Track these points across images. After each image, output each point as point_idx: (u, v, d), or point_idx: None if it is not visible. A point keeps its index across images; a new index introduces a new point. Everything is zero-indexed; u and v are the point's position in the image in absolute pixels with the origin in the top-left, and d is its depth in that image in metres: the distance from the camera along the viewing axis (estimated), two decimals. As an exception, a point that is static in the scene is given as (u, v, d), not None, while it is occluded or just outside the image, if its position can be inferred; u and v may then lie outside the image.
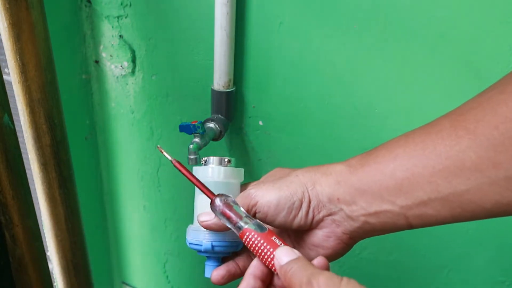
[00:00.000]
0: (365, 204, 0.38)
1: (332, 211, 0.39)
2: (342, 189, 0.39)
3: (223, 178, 0.46)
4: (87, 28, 0.78)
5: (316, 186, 0.40)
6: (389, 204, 0.36)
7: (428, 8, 0.54)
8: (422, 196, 0.34)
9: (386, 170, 0.36)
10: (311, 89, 0.65)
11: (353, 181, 0.38)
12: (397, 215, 0.36)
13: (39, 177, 0.68)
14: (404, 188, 0.35)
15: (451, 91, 0.57)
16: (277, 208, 0.40)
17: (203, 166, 0.48)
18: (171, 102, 0.77)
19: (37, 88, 0.62)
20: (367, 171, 0.38)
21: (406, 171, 0.35)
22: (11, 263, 0.64)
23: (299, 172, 0.41)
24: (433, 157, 0.34)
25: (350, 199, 0.38)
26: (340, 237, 0.40)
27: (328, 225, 0.40)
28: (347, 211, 0.39)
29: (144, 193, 0.91)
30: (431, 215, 0.35)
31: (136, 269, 1.04)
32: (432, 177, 0.34)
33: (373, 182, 0.37)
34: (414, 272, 0.73)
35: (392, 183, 0.36)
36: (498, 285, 0.68)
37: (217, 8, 0.61)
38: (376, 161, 0.37)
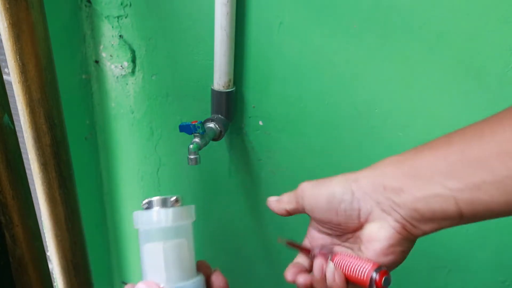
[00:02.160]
0: (414, 190, 0.37)
1: (379, 200, 0.39)
2: (390, 177, 0.38)
3: (172, 222, 0.39)
4: (87, 28, 0.78)
5: (360, 179, 0.39)
6: (439, 187, 0.35)
7: (428, 8, 0.54)
8: (476, 179, 0.33)
9: (438, 154, 0.36)
10: (311, 89, 0.65)
11: (403, 168, 0.38)
12: (447, 199, 0.35)
13: (39, 177, 0.68)
14: (457, 171, 0.34)
15: (451, 91, 0.57)
16: (318, 200, 0.41)
17: (145, 211, 0.40)
18: (171, 102, 0.77)
19: (37, 88, 0.62)
20: (420, 157, 0.37)
21: (461, 153, 0.34)
22: (11, 263, 0.64)
23: (342, 173, 0.41)
24: (491, 142, 0.33)
25: (397, 186, 0.37)
26: (393, 226, 0.38)
27: (378, 215, 0.39)
28: (395, 198, 0.38)
29: (144, 193, 0.91)
30: (484, 201, 0.34)
31: (136, 269, 1.04)
32: (488, 160, 0.33)
33: (424, 166, 0.36)
34: (414, 272, 0.73)
35: (444, 165, 0.35)
36: (498, 285, 0.68)
37: (217, 8, 0.61)
38: (431, 148, 0.37)
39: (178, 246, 0.39)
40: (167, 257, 0.38)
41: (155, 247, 0.38)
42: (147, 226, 0.39)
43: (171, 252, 0.38)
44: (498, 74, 0.54)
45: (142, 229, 0.40)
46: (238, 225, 0.84)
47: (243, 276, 0.88)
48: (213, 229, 0.83)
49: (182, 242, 0.39)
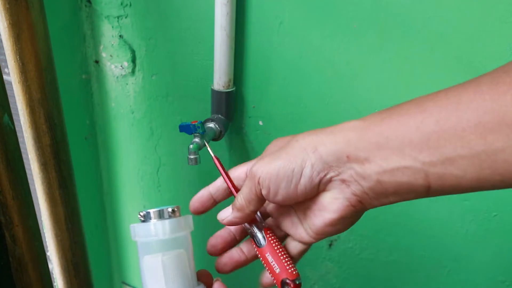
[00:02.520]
0: (381, 161, 0.33)
1: (341, 170, 0.35)
2: (354, 145, 0.34)
3: (170, 234, 0.39)
4: (87, 28, 0.78)
5: (318, 147, 0.35)
6: (409, 160, 0.32)
7: (428, 8, 0.54)
8: (450, 152, 0.30)
9: (411, 123, 0.32)
10: (311, 89, 0.65)
11: (369, 136, 0.34)
12: (417, 172, 0.32)
13: (39, 177, 0.68)
14: (431, 143, 0.31)
15: (451, 91, 0.57)
16: (277, 179, 0.36)
17: (142, 223, 0.40)
18: (171, 102, 0.77)
19: (37, 88, 0.62)
20: (388, 124, 0.33)
21: (436, 124, 0.31)
22: (11, 263, 0.64)
23: (299, 137, 0.37)
24: (468, 111, 0.30)
25: (363, 156, 0.34)
26: (349, 198, 0.36)
27: (337, 186, 0.36)
28: (359, 169, 0.34)
29: (144, 193, 0.91)
30: (455, 176, 0.31)
31: (136, 269, 1.04)
32: (465, 132, 0.30)
33: (395, 136, 0.32)
34: (414, 272, 0.73)
35: (417, 136, 0.31)
36: (498, 285, 0.68)
37: (217, 8, 0.61)
38: (400, 114, 0.33)
39: (177, 257, 0.39)
40: (166, 268, 0.38)
41: (154, 259, 0.38)
42: (145, 238, 0.39)
43: (170, 263, 0.38)
44: (498, 74, 0.54)
45: (140, 241, 0.40)
46: (238, 225, 0.84)
47: (243, 276, 0.88)
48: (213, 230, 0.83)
49: (181, 253, 0.39)
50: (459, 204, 0.64)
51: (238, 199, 0.40)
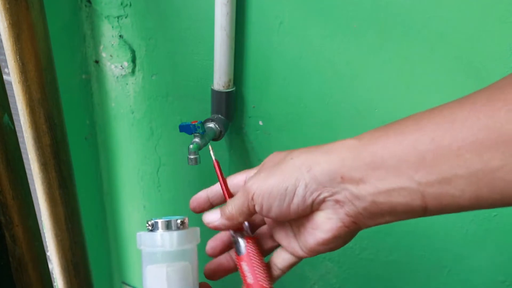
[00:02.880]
0: (377, 181, 0.32)
1: (335, 191, 0.35)
2: (348, 166, 0.33)
3: (177, 246, 0.39)
4: (87, 28, 0.78)
5: (313, 167, 0.35)
6: (406, 180, 0.31)
7: (428, 8, 0.54)
8: (447, 171, 0.30)
9: (406, 141, 0.31)
10: (311, 89, 0.65)
11: (364, 156, 0.33)
12: (413, 193, 0.31)
13: (39, 177, 0.68)
14: (427, 162, 0.30)
15: (451, 91, 0.57)
16: (270, 197, 0.36)
17: (149, 232, 0.39)
18: (171, 102, 0.77)
19: (37, 88, 0.62)
20: (384, 142, 0.32)
21: (431, 142, 0.30)
22: (11, 263, 0.64)
23: (294, 154, 0.36)
24: (463, 129, 0.29)
25: (358, 176, 0.33)
26: (342, 219, 0.35)
27: (331, 206, 0.35)
28: (353, 190, 0.34)
29: (144, 193, 0.91)
30: (453, 195, 0.30)
31: (136, 269, 1.04)
32: (460, 150, 0.29)
33: (390, 155, 0.32)
34: (414, 272, 0.73)
35: (413, 155, 0.31)
36: (498, 285, 0.68)
37: (217, 8, 0.61)
38: (396, 132, 0.32)
39: (182, 270, 0.39)
40: (170, 280, 0.38)
41: (158, 269, 0.38)
42: (151, 248, 0.39)
43: (174, 275, 0.38)
44: (498, 74, 0.54)
45: (145, 251, 0.39)
46: (238, 225, 0.84)
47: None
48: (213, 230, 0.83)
49: (186, 265, 0.39)
50: (459, 204, 0.64)
51: (229, 208, 0.39)
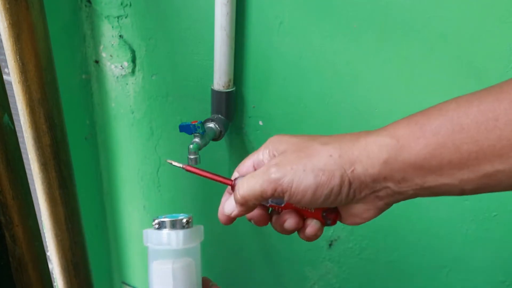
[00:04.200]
0: (419, 180, 0.34)
1: (376, 189, 0.36)
2: (390, 167, 0.34)
3: (183, 244, 0.40)
4: (87, 28, 0.78)
5: (356, 167, 0.35)
6: (447, 178, 0.33)
7: (428, 8, 0.54)
8: (489, 169, 0.31)
9: (449, 144, 0.32)
10: (311, 89, 0.65)
11: (405, 157, 0.34)
12: (454, 187, 0.33)
13: (39, 177, 0.68)
14: (470, 162, 0.32)
15: (451, 91, 0.57)
16: (314, 196, 0.36)
17: (156, 231, 0.41)
18: (171, 102, 0.77)
19: (37, 88, 0.62)
20: (424, 144, 0.33)
21: (475, 144, 0.31)
22: (11, 263, 0.64)
23: (331, 150, 0.36)
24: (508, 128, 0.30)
25: (400, 176, 0.34)
26: (380, 208, 0.37)
27: (371, 200, 0.36)
28: (395, 188, 0.35)
29: (144, 193, 0.91)
30: (490, 186, 0.32)
31: (136, 269, 1.04)
32: (504, 149, 0.30)
33: (432, 156, 0.33)
34: (414, 272, 0.73)
35: (456, 157, 0.32)
36: (498, 285, 0.68)
37: (217, 8, 0.61)
38: (436, 133, 0.33)
39: (186, 266, 0.40)
40: (176, 276, 0.40)
41: (164, 266, 0.40)
42: (157, 246, 0.40)
43: (179, 271, 0.40)
44: (498, 74, 0.54)
45: (152, 248, 0.41)
46: (238, 225, 0.84)
47: (243, 276, 0.88)
48: (213, 230, 0.83)
49: (191, 262, 0.40)
50: (459, 204, 0.64)
51: (241, 191, 0.38)
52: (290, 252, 0.80)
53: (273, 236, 0.81)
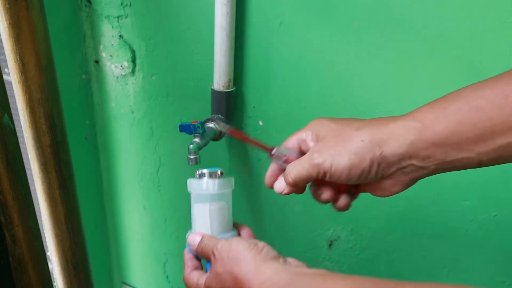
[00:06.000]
0: (441, 155, 0.38)
1: (403, 166, 0.40)
2: (416, 147, 0.39)
3: (218, 190, 0.50)
4: (87, 28, 0.78)
5: (384, 149, 0.39)
6: (467, 152, 0.37)
7: (428, 8, 0.54)
8: (502, 141, 0.35)
9: (467, 123, 0.37)
10: (311, 89, 0.65)
11: (428, 136, 0.38)
12: (472, 160, 0.37)
13: (39, 177, 0.68)
14: (485, 137, 0.36)
15: (451, 91, 0.57)
16: (349, 175, 0.41)
17: (197, 179, 0.51)
18: (171, 102, 0.77)
19: (37, 88, 0.62)
20: (445, 125, 0.38)
21: (490, 121, 0.35)
22: (11, 263, 0.64)
23: (361, 134, 0.41)
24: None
25: (424, 154, 0.38)
26: (406, 183, 0.41)
27: (398, 175, 0.41)
28: (419, 163, 0.39)
29: (144, 193, 0.91)
30: (505, 156, 0.36)
31: (136, 269, 1.04)
32: None
33: (452, 134, 0.37)
34: (413, 272, 0.73)
35: (473, 134, 0.36)
36: (498, 285, 0.68)
37: (217, 8, 0.61)
38: (456, 114, 0.37)
39: (220, 208, 0.50)
40: (212, 215, 0.50)
41: (204, 207, 0.50)
42: (199, 191, 0.51)
43: (215, 212, 0.50)
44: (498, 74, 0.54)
45: (194, 193, 0.51)
46: (238, 225, 0.84)
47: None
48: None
49: (223, 205, 0.51)
50: (459, 204, 0.64)
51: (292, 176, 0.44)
52: (290, 252, 0.80)
53: (273, 236, 0.81)
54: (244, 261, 0.42)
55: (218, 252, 0.44)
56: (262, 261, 0.41)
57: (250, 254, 0.42)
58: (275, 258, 0.43)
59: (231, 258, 0.43)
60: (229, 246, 0.44)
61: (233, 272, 0.42)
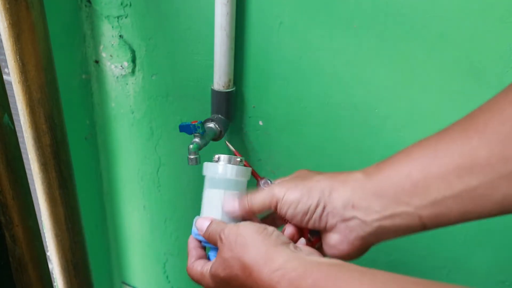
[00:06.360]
0: (380, 208, 0.39)
1: (346, 217, 0.41)
2: (358, 195, 0.40)
3: (235, 176, 0.48)
4: (87, 28, 0.78)
5: (332, 193, 0.41)
6: (404, 206, 0.38)
7: (428, 8, 0.54)
8: (436, 195, 0.36)
9: (402, 172, 0.38)
10: (311, 89, 0.65)
11: (369, 187, 0.40)
12: (412, 215, 0.38)
13: (39, 177, 0.68)
14: (419, 188, 0.37)
15: (451, 91, 0.57)
16: (296, 210, 0.43)
17: (215, 163, 0.50)
18: (171, 102, 0.77)
19: (37, 88, 0.62)
20: (383, 175, 0.39)
21: (422, 171, 0.37)
22: (11, 263, 0.64)
23: (320, 178, 0.43)
24: (446, 157, 0.36)
25: (365, 205, 0.40)
26: (352, 242, 0.42)
27: (342, 230, 0.42)
28: (361, 216, 0.40)
29: (144, 193, 0.91)
30: (444, 214, 0.37)
31: (136, 269, 1.04)
32: (445, 175, 0.35)
33: (389, 185, 0.38)
34: (413, 272, 0.73)
35: (408, 184, 0.37)
36: (498, 285, 0.68)
37: (217, 8, 0.61)
38: (393, 164, 0.39)
39: (235, 196, 0.48)
40: None
41: (217, 192, 0.48)
42: (215, 175, 0.49)
43: (228, 198, 0.48)
44: (498, 74, 0.54)
45: (210, 176, 0.49)
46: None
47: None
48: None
49: (238, 194, 0.48)
50: (459, 204, 0.64)
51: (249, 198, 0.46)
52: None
53: (273, 236, 0.81)
54: (253, 246, 0.40)
55: (225, 236, 0.42)
56: (272, 246, 0.39)
57: (259, 237, 0.40)
58: (286, 243, 0.40)
59: (239, 243, 0.40)
60: (237, 230, 0.42)
61: (240, 257, 0.40)
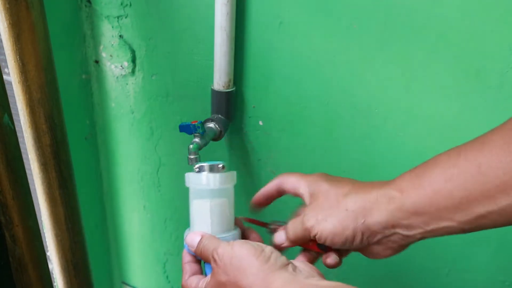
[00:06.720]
0: (423, 224, 0.39)
1: (387, 234, 0.42)
2: (396, 216, 0.40)
3: (219, 185, 0.47)
4: (87, 28, 0.78)
5: (367, 219, 0.41)
6: (447, 221, 0.38)
7: (428, 8, 0.54)
8: (481, 211, 0.36)
9: (443, 192, 0.38)
10: (311, 89, 0.65)
11: (408, 206, 0.39)
12: (454, 228, 0.38)
13: (39, 177, 0.68)
14: (463, 205, 0.37)
15: (451, 91, 0.57)
16: (333, 241, 0.44)
17: (197, 173, 0.48)
18: (171, 102, 0.77)
19: (37, 88, 0.62)
20: (422, 194, 0.39)
21: (464, 190, 0.36)
22: (11, 263, 0.64)
23: (348, 204, 0.43)
24: (489, 175, 0.35)
25: (406, 223, 0.40)
26: (395, 249, 0.43)
27: (385, 243, 0.43)
28: (403, 232, 0.41)
29: (144, 193, 0.91)
30: (487, 225, 0.37)
31: (136, 269, 1.04)
32: (490, 193, 0.35)
33: (430, 204, 0.38)
34: (413, 272, 0.73)
35: (450, 203, 0.37)
36: (498, 285, 0.68)
37: (217, 8, 0.61)
38: (431, 183, 0.39)
39: (221, 204, 0.47)
40: (213, 212, 0.46)
41: (203, 203, 0.47)
42: (198, 186, 0.47)
43: (215, 208, 0.47)
44: (498, 74, 0.54)
45: (193, 188, 0.48)
46: (238, 225, 0.84)
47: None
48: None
49: (225, 201, 0.47)
50: (459, 204, 0.64)
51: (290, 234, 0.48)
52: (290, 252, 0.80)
53: (273, 236, 0.81)
54: (249, 270, 0.39)
55: (219, 258, 0.41)
56: (270, 271, 0.38)
57: (257, 262, 0.39)
58: (284, 266, 0.39)
59: (234, 266, 0.39)
60: (231, 250, 0.40)
61: (237, 282, 0.39)
